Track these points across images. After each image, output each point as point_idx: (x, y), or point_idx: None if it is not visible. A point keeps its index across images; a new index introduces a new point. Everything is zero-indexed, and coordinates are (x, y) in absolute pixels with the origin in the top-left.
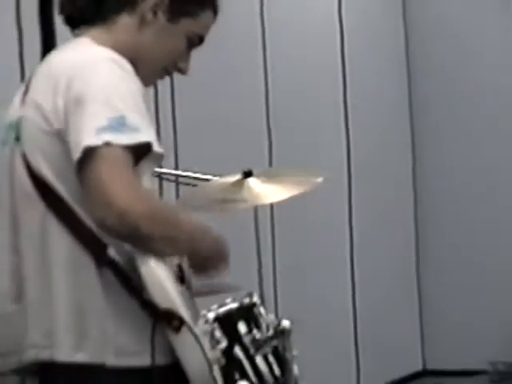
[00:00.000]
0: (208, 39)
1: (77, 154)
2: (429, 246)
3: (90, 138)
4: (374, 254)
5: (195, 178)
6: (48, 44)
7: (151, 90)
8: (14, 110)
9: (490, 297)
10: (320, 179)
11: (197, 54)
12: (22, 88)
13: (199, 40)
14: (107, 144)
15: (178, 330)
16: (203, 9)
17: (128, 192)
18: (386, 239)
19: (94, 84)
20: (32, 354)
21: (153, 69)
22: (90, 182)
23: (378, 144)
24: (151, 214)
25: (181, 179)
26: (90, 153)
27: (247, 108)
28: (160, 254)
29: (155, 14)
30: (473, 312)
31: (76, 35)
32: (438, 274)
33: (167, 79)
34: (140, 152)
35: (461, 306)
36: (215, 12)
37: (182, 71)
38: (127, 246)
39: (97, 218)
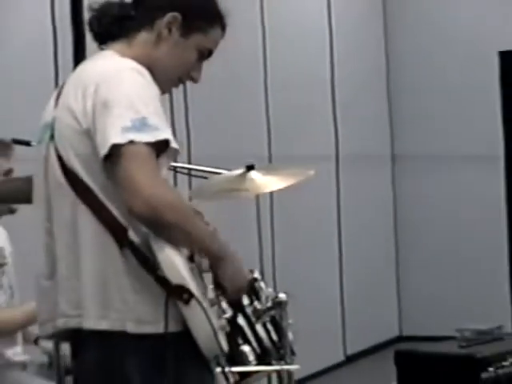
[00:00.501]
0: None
1: (104, 151)
2: (406, 229)
3: (117, 137)
4: (358, 236)
5: (205, 171)
6: (79, 56)
7: (167, 95)
8: (49, 113)
9: (458, 273)
10: (312, 172)
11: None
12: (55, 93)
13: (208, 53)
14: (131, 142)
15: (187, 302)
16: (212, 26)
17: (152, 182)
18: (369, 224)
19: (119, 90)
20: (62, 322)
21: (168, 78)
22: (119, 176)
23: (362, 140)
24: (173, 204)
25: (193, 172)
26: (116, 150)
27: (250, 111)
28: (175, 242)
29: (170, 30)
30: (443, 286)
31: (102, 49)
32: (414, 253)
33: (180, 86)
34: (159, 148)
35: (433, 282)
36: (223, 29)
37: (194, 80)
38: (144, 229)
39: (127, 206)
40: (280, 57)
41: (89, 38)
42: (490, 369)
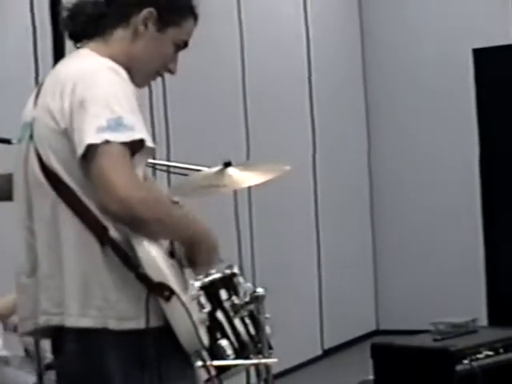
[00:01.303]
0: (197, 48)
1: (80, 151)
2: (382, 225)
3: (92, 137)
4: (335, 230)
5: (184, 168)
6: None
7: (146, 91)
8: (28, 112)
9: (433, 268)
10: (287, 167)
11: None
12: (34, 93)
13: (184, 44)
14: (107, 142)
15: (168, 299)
16: (186, 18)
17: (126, 182)
18: (346, 218)
19: (95, 89)
20: (43, 320)
21: (147, 72)
22: (94, 175)
23: (338, 137)
24: (147, 201)
25: (172, 169)
26: (92, 150)
27: (228, 109)
28: (153, 237)
29: (146, 26)
30: (419, 281)
31: (77, 48)
32: (391, 249)
33: (160, 83)
34: (135, 147)
35: (409, 277)
36: (195, 19)
37: (171, 71)
38: (125, 228)
39: (101, 205)
40: (258, 57)
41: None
42: (465, 361)
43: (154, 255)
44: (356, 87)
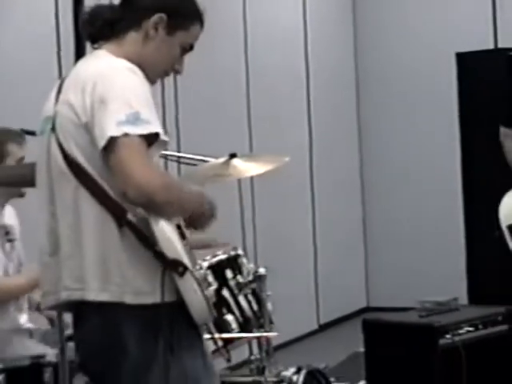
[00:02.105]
0: (205, 52)
1: (102, 142)
2: (373, 206)
3: (113, 130)
4: (329, 215)
5: (193, 158)
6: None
7: (158, 90)
8: (50, 107)
9: (419, 251)
10: (286, 158)
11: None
12: (55, 90)
13: (190, 47)
14: (126, 134)
15: (182, 274)
16: (193, 23)
17: (143, 170)
18: (338, 204)
19: (115, 87)
20: (65, 295)
21: (156, 71)
22: (115, 165)
23: (332, 131)
24: (162, 187)
25: (182, 160)
26: (112, 141)
27: (233, 107)
28: (168, 216)
29: (156, 30)
30: (406, 263)
31: (95, 48)
32: (379, 235)
33: (172, 83)
34: (150, 140)
35: (397, 259)
36: (202, 24)
37: (178, 72)
38: (141, 210)
39: (121, 191)
40: (260, 60)
41: None
42: (447, 336)
43: (169, 234)
44: (349, 86)
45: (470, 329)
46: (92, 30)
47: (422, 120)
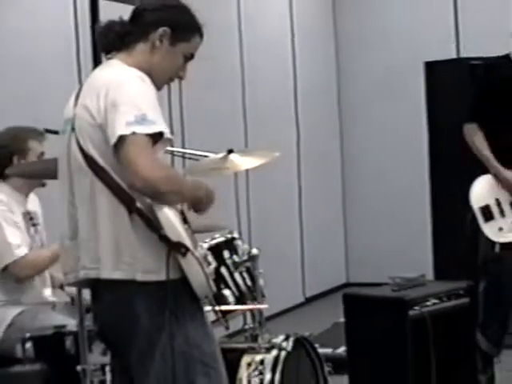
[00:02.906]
0: (207, 63)
1: (113, 140)
2: (351, 195)
3: (122, 129)
4: (313, 202)
5: (196, 154)
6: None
7: (165, 93)
8: (69, 110)
9: (392, 233)
10: (277, 153)
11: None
12: (74, 95)
13: (191, 56)
14: (134, 133)
15: (184, 254)
16: (194, 35)
17: (149, 164)
18: (321, 192)
19: (125, 92)
20: (83, 274)
21: (162, 78)
22: (124, 159)
23: (316, 131)
24: (165, 179)
25: (186, 155)
26: (122, 139)
27: (231, 109)
28: (170, 204)
29: (161, 41)
30: (381, 243)
31: (108, 58)
32: (357, 220)
33: (177, 88)
34: (156, 138)
35: (373, 240)
36: (201, 36)
37: (182, 78)
38: (148, 199)
39: (129, 183)
40: (254, 70)
41: None
42: (416, 308)
43: (172, 220)
44: (331, 93)
45: (436, 301)
46: (106, 42)
47: (395, 121)
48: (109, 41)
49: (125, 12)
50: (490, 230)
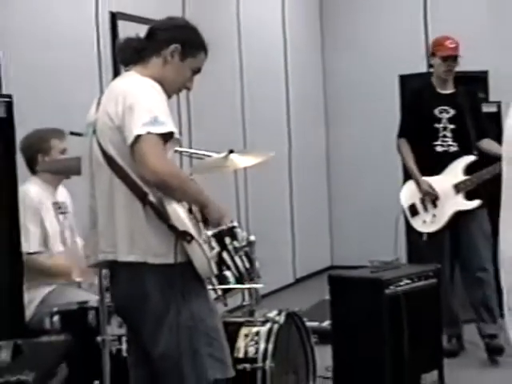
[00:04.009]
0: (211, 76)
1: (130, 139)
2: (336, 188)
3: (138, 130)
4: (303, 194)
5: (201, 154)
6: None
7: (175, 101)
8: (91, 115)
9: (370, 221)
10: (272, 154)
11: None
12: (96, 102)
13: (198, 70)
14: (148, 133)
15: (189, 242)
16: (200, 52)
17: (159, 160)
18: (309, 185)
19: (139, 98)
20: (101, 257)
21: (172, 88)
22: (138, 155)
23: (305, 134)
24: (171, 173)
25: (193, 155)
26: (138, 138)
27: (232, 115)
28: (175, 197)
29: (172, 57)
30: (361, 231)
31: (126, 70)
32: (341, 211)
33: (185, 96)
34: (167, 138)
35: (354, 227)
36: (206, 53)
37: (189, 89)
38: (159, 193)
39: (141, 176)
40: (251, 83)
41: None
42: (391, 287)
43: (179, 212)
44: (318, 103)
45: (408, 281)
46: (124, 56)
47: (373, 125)
48: (127, 55)
49: (139, 30)
50: (416, 222)
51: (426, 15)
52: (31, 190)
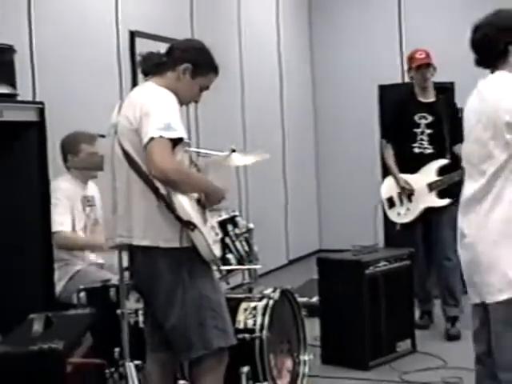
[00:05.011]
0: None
1: (146, 140)
2: (324, 181)
3: (153, 133)
4: (294, 187)
5: (207, 153)
6: (134, 84)
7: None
8: (114, 118)
9: (354, 209)
10: (267, 155)
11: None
12: (117, 106)
13: (206, 88)
14: (161, 136)
15: (193, 230)
16: (209, 72)
17: (164, 159)
18: (301, 178)
19: (155, 105)
20: (119, 240)
21: (182, 99)
22: (148, 154)
23: (297, 136)
24: (173, 169)
25: (201, 154)
26: (151, 140)
27: (234, 120)
28: (180, 190)
29: (184, 73)
30: (346, 219)
31: (146, 80)
32: (328, 197)
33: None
34: (177, 142)
35: (340, 215)
36: (216, 74)
37: (197, 102)
38: (167, 188)
39: (149, 170)
40: (251, 95)
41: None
42: (371, 268)
43: (184, 204)
44: (308, 111)
45: (385, 263)
46: (145, 68)
47: (356, 127)
48: (148, 66)
49: (153, 46)
50: (392, 214)
51: (400, 30)
52: (63, 184)
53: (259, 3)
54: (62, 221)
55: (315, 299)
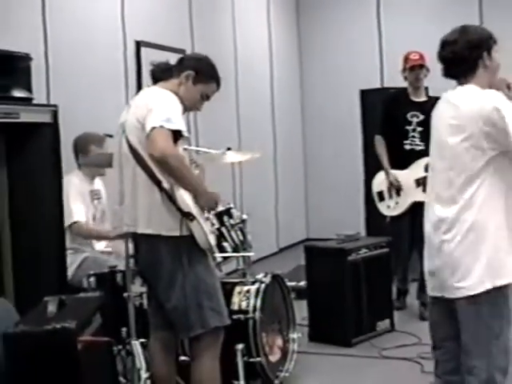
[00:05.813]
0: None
1: (148, 129)
2: (311, 175)
3: (154, 123)
4: (284, 182)
5: (205, 151)
6: (139, 88)
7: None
8: (123, 117)
9: (339, 200)
10: (258, 154)
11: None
12: (127, 108)
13: (207, 97)
14: (161, 127)
15: (192, 220)
16: (211, 81)
17: (165, 143)
18: (290, 172)
19: (158, 103)
20: (125, 229)
21: (184, 105)
22: (150, 140)
23: (287, 138)
24: (173, 154)
25: (199, 152)
26: (153, 129)
27: (229, 121)
28: (177, 179)
29: (187, 79)
30: (331, 210)
31: (154, 84)
32: (315, 192)
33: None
34: (177, 135)
35: (326, 207)
36: (218, 85)
37: (198, 110)
38: (170, 181)
39: (149, 152)
40: (245, 107)
41: (145, 77)
42: (353, 255)
43: (184, 197)
44: (296, 108)
45: (366, 250)
46: (154, 73)
47: (340, 128)
48: (157, 73)
49: (157, 55)
50: (381, 207)
51: (380, 38)
52: (73, 180)
53: (252, 17)
54: (78, 212)
55: (303, 283)
